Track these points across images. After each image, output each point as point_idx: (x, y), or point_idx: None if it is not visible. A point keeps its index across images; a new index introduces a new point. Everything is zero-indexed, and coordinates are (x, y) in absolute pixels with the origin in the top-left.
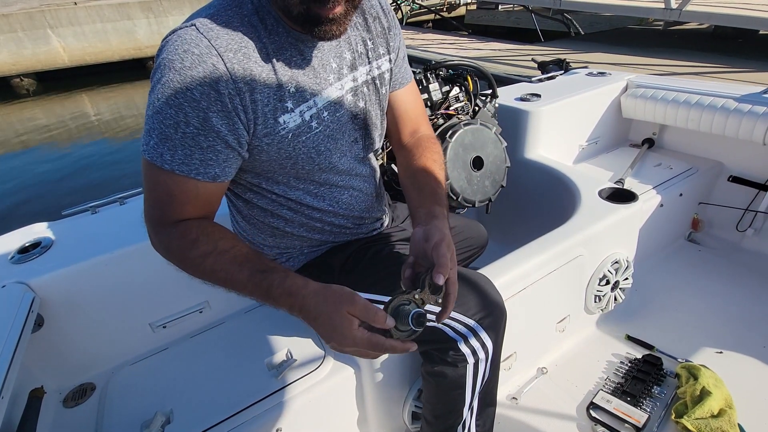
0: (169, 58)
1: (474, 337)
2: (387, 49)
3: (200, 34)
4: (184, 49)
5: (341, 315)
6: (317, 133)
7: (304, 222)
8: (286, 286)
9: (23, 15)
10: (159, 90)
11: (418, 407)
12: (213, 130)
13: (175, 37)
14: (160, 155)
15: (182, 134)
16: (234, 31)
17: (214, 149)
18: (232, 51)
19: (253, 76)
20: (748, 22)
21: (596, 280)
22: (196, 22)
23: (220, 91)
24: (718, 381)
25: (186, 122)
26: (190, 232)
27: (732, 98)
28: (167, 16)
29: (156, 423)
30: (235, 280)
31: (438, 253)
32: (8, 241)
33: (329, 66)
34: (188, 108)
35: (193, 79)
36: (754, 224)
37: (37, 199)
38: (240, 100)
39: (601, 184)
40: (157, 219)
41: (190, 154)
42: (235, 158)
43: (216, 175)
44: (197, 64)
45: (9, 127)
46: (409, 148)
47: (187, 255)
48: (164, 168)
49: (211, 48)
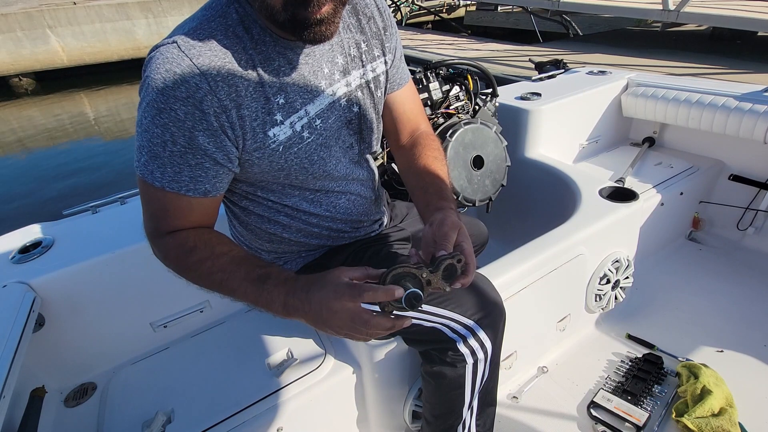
0: (152, 77)
1: (473, 338)
2: (382, 51)
3: (182, 53)
4: (165, 69)
5: (332, 291)
6: (309, 143)
7: (301, 228)
8: (281, 277)
9: (22, 15)
10: (145, 109)
11: (418, 406)
12: (200, 148)
13: (158, 54)
14: (150, 172)
15: (170, 153)
16: (217, 45)
17: (202, 166)
18: (215, 68)
19: (238, 92)
20: (745, 24)
21: (597, 279)
22: (178, 39)
23: (204, 111)
24: (719, 380)
25: (173, 141)
26: (187, 241)
27: (732, 97)
28: (166, 17)
29: (157, 422)
30: (232, 279)
31: (460, 234)
32: (9, 240)
33: (321, 72)
34: (173, 128)
35: (177, 99)
36: (755, 223)
37: (38, 199)
38: (226, 118)
39: (602, 183)
40: (154, 230)
41: (179, 171)
42: (226, 174)
43: (207, 191)
44: (180, 84)
45: (8, 127)
46: (409, 147)
47: (185, 262)
48: (155, 185)
49: (194, 67)
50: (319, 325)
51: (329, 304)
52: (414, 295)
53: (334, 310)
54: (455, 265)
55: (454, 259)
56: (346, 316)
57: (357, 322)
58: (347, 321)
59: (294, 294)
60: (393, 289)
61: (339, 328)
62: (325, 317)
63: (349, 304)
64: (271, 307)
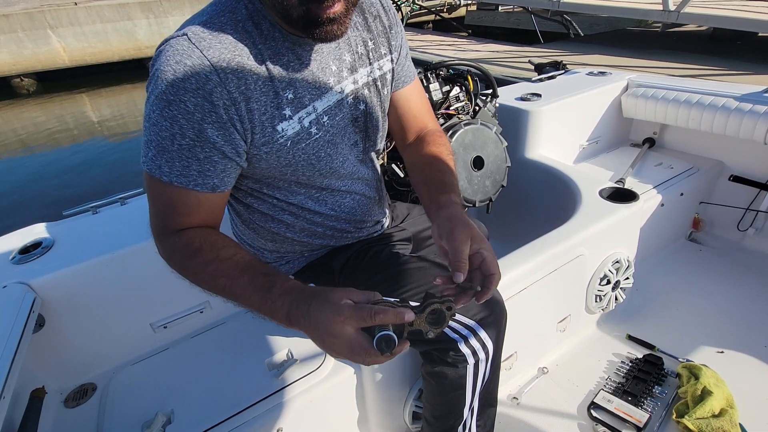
0: (161, 69)
1: (474, 338)
2: (389, 49)
3: (192, 45)
4: (176, 60)
5: (332, 313)
6: (317, 139)
7: (305, 227)
8: (286, 286)
9: (23, 15)
10: (153, 102)
11: (418, 407)
12: (209, 141)
13: (168, 47)
14: (158, 167)
15: (178, 146)
16: (227, 39)
17: (211, 160)
18: (225, 61)
19: (248, 85)
20: (746, 24)
21: (597, 280)
22: (188, 31)
23: (214, 103)
24: (719, 380)
25: (181, 134)
26: (193, 242)
27: (733, 98)
28: (167, 17)
29: (157, 423)
30: (236, 285)
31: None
32: (9, 241)
33: (329, 69)
34: (183, 120)
35: (186, 91)
36: (755, 224)
37: (38, 199)
38: (235, 111)
39: (602, 184)
40: (161, 229)
41: (187, 165)
42: (234, 168)
43: (215, 186)
44: (190, 75)
45: (9, 127)
46: (415, 145)
47: (189, 263)
48: (163, 180)
49: (204, 58)
50: (318, 344)
51: (329, 327)
52: (386, 338)
53: (334, 334)
54: (444, 312)
55: (444, 305)
56: (345, 343)
57: (356, 350)
58: (345, 347)
59: (297, 306)
60: (404, 312)
61: (335, 352)
62: (323, 338)
63: (349, 330)
64: (275, 316)
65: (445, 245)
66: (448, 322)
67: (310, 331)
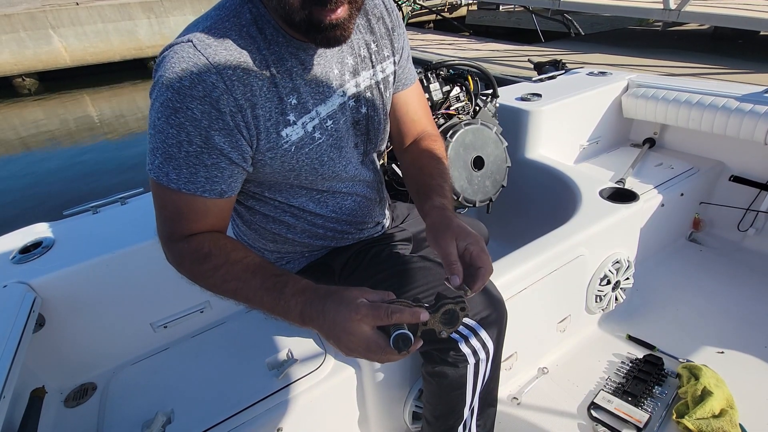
0: (167, 77)
1: (475, 337)
2: (392, 51)
3: (198, 52)
4: (182, 68)
5: (349, 311)
6: (320, 143)
7: (306, 228)
8: (299, 286)
9: (25, 15)
10: (159, 109)
11: (418, 407)
12: (216, 148)
13: (172, 53)
14: (165, 174)
15: (186, 153)
16: (232, 45)
17: (218, 166)
18: (231, 67)
19: (253, 92)
20: (747, 23)
21: (597, 280)
22: (193, 37)
23: (221, 110)
24: (720, 381)
25: (189, 141)
26: (202, 247)
27: (733, 98)
28: (168, 17)
29: (157, 423)
30: (247, 288)
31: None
32: (9, 241)
33: (331, 73)
34: (190, 127)
35: (193, 99)
36: (756, 224)
37: (39, 199)
38: (242, 117)
39: (602, 184)
40: (169, 235)
41: (195, 172)
42: (240, 173)
43: (223, 191)
44: (197, 83)
45: (10, 127)
46: (411, 149)
47: (200, 268)
48: (171, 187)
49: (210, 66)
50: (331, 342)
51: (345, 325)
52: (403, 336)
53: (351, 331)
54: (457, 312)
55: (457, 306)
56: (362, 341)
57: (372, 348)
58: (362, 345)
59: (312, 305)
60: (419, 311)
61: (350, 351)
62: (339, 336)
63: (365, 328)
64: (288, 316)
65: (436, 252)
66: (461, 322)
67: (325, 329)
